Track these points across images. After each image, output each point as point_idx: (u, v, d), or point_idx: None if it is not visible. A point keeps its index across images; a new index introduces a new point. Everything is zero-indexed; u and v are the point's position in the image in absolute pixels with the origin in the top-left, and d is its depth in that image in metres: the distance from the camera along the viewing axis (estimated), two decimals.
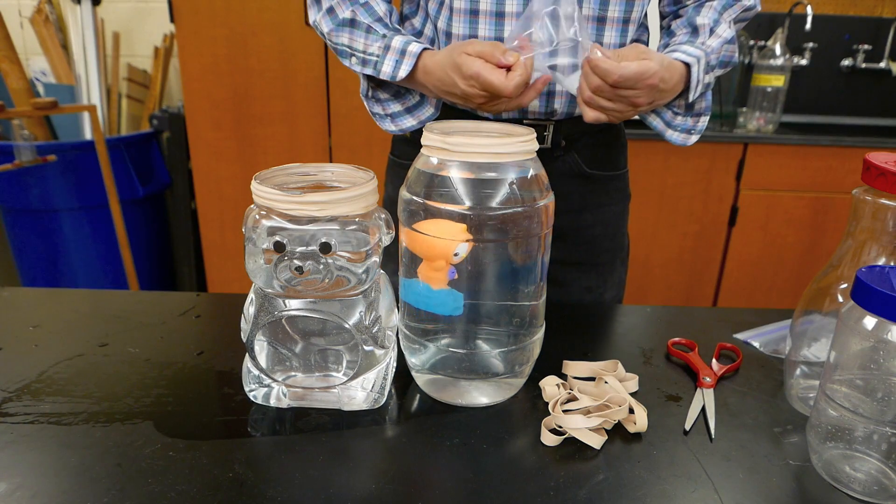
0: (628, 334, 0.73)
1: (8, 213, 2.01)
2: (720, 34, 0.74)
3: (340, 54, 0.75)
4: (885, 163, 0.51)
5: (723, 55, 0.75)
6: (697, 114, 0.79)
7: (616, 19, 0.73)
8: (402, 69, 0.70)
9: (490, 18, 0.72)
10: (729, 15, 0.76)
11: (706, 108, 0.79)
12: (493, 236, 0.51)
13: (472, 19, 0.73)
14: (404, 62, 0.69)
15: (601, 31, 0.73)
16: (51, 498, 0.44)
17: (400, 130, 0.80)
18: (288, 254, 0.48)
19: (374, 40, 0.71)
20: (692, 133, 0.80)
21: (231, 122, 1.83)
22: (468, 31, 0.74)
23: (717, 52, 0.74)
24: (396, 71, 0.70)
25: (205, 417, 0.54)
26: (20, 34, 2.18)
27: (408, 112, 0.79)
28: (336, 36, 0.74)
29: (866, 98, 2.27)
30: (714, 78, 0.76)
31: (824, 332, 0.56)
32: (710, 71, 0.74)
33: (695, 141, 0.80)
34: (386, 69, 0.70)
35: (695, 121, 0.80)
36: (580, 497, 0.46)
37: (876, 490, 0.46)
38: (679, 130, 0.80)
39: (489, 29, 0.73)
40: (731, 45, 0.76)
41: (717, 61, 0.74)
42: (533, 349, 0.58)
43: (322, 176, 0.55)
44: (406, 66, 0.69)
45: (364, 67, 0.73)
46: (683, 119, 0.79)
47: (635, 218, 1.91)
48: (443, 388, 0.58)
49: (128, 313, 0.74)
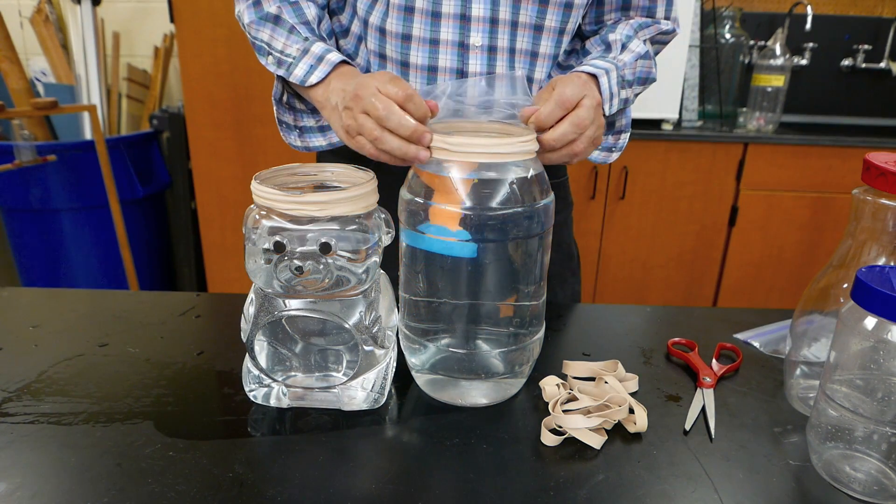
0: (628, 334, 0.73)
1: (8, 213, 2.01)
2: (633, 49, 0.73)
3: (258, 50, 0.71)
4: (885, 163, 0.51)
5: (639, 71, 0.73)
6: (618, 131, 0.79)
7: (553, 29, 0.72)
8: (315, 75, 0.65)
9: (426, 17, 0.69)
10: (644, 34, 0.75)
11: (626, 126, 0.79)
12: (494, 236, 0.51)
13: (406, 17, 0.69)
14: (319, 68, 0.65)
15: (537, 40, 0.72)
16: (51, 498, 0.44)
17: (305, 148, 0.76)
18: (288, 254, 0.48)
19: (294, 42, 0.68)
20: (612, 151, 0.80)
21: (231, 122, 1.83)
22: (401, 30, 0.70)
23: (630, 66, 0.72)
24: (308, 76, 0.66)
25: (205, 417, 0.54)
26: (20, 34, 2.18)
27: (321, 131, 0.76)
28: (256, 30, 0.70)
29: (866, 98, 2.27)
30: (633, 95, 0.74)
31: (824, 332, 0.56)
32: (627, 87, 0.72)
33: (615, 158, 0.80)
34: (298, 72, 0.66)
35: (615, 139, 0.79)
36: (580, 497, 0.46)
37: (876, 490, 0.46)
38: (601, 148, 0.79)
39: (424, 29, 0.69)
40: (646, 61, 0.74)
41: (632, 76, 0.72)
42: (533, 349, 0.58)
43: (322, 176, 0.55)
44: (320, 72, 0.65)
45: (279, 68, 0.69)
46: (605, 137, 0.77)
47: (635, 218, 1.93)
48: (443, 388, 0.58)
49: (128, 313, 0.74)
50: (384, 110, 0.53)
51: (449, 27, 0.69)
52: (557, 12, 0.71)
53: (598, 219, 1.91)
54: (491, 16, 0.69)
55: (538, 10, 0.70)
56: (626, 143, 0.80)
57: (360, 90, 0.56)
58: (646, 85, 0.76)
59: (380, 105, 0.54)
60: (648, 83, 0.76)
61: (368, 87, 0.55)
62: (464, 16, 0.68)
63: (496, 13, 0.69)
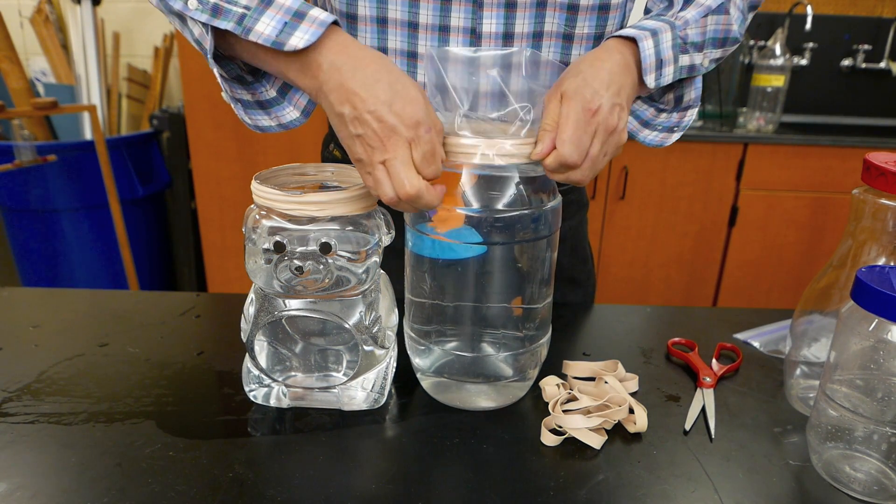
0: (628, 334, 0.73)
1: (8, 213, 2.01)
2: (701, 2, 0.59)
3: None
4: (885, 163, 0.51)
5: (710, 30, 0.59)
6: (685, 107, 0.64)
7: (590, 6, 0.60)
8: (300, 37, 0.46)
9: (433, 33, 0.60)
10: None
11: (695, 100, 0.63)
12: (499, 238, 0.50)
13: (379, 2, 0.59)
14: (303, 27, 0.46)
15: (572, 21, 0.60)
16: (51, 498, 0.44)
17: (256, 127, 0.58)
18: (288, 254, 0.48)
19: None
20: (674, 131, 0.64)
21: (231, 122, 1.83)
22: (375, 13, 0.59)
23: (696, 23, 0.58)
24: (286, 37, 0.46)
25: (205, 417, 0.54)
26: (20, 34, 2.18)
27: (261, 107, 0.58)
28: None
29: (866, 98, 2.27)
30: (708, 61, 0.60)
31: (824, 332, 0.56)
32: (694, 49, 0.59)
33: (674, 140, 0.64)
34: (264, 29, 0.47)
35: (680, 116, 0.64)
36: (580, 497, 0.46)
37: (876, 490, 0.46)
38: (659, 130, 0.64)
39: (402, 12, 0.59)
40: (720, 16, 0.59)
41: (701, 37, 0.59)
42: (540, 353, 0.58)
43: (322, 176, 0.55)
44: (310, 34, 0.46)
45: (216, 17, 0.48)
46: (668, 116, 0.64)
47: (635, 218, 1.92)
48: (448, 391, 0.57)
49: (128, 313, 0.74)
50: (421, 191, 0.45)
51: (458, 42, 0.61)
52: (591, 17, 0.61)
53: (598, 219, 1.91)
54: (505, 31, 0.61)
55: (566, 17, 0.61)
56: (690, 122, 0.64)
57: (391, 136, 0.44)
58: (726, 48, 0.61)
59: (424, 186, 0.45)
60: (729, 45, 0.61)
61: (425, 138, 0.45)
62: (473, 30, 0.60)
63: (511, 27, 0.60)
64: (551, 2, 0.59)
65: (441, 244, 0.51)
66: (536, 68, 0.49)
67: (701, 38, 0.59)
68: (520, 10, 0.59)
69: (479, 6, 0.59)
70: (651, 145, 0.65)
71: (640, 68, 0.56)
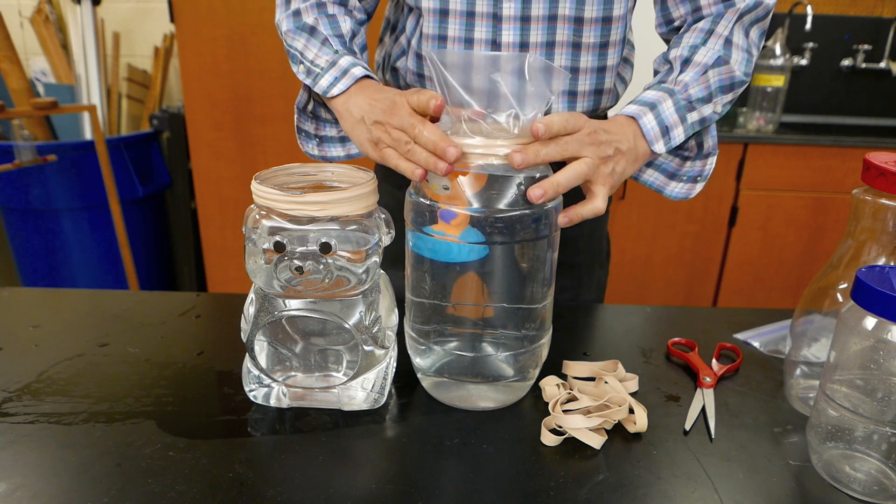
0: (628, 334, 0.73)
1: (8, 213, 2.01)
2: (698, 61, 0.65)
3: (291, 58, 0.73)
4: (885, 163, 0.51)
5: (713, 82, 0.65)
6: (706, 155, 0.69)
7: (594, 19, 0.67)
8: (337, 87, 0.66)
9: (459, 45, 0.70)
10: (723, 28, 0.66)
11: (713, 147, 0.69)
12: (502, 238, 0.50)
13: (441, 19, 0.69)
14: (342, 80, 0.66)
15: (579, 31, 0.68)
16: (51, 498, 0.44)
17: (322, 157, 0.76)
18: (288, 254, 0.48)
19: (325, 53, 0.69)
20: (698, 181, 0.70)
21: (231, 122, 1.83)
22: (437, 31, 0.70)
23: (696, 83, 0.64)
24: (331, 87, 0.67)
25: (205, 417, 0.54)
26: (20, 34, 2.18)
27: (341, 141, 0.77)
28: (292, 38, 0.72)
29: (866, 98, 2.27)
30: (720, 107, 0.66)
31: (824, 332, 0.56)
32: (699, 105, 0.64)
33: (699, 190, 0.70)
34: (323, 83, 0.67)
35: (703, 164, 0.70)
36: (580, 497, 0.46)
37: (876, 490, 0.46)
38: (684, 181, 0.70)
39: (432, 27, 0.70)
40: (720, 68, 0.65)
41: (705, 91, 0.65)
42: (541, 352, 0.58)
43: (322, 176, 0.55)
44: (342, 84, 0.66)
45: (307, 77, 0.70)
46: (692, 164, 0.70)
47: (635, 218, 1.92)
48: (449, 391, 0.57)
49: (128, 313, 0.74)
50: (416, 127, 0.54)
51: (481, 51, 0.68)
52: (598, 1, 0.67)
53: None
54: (521, 41, 0.68)
55: (574, 28, 0.68)
56: (712, 169, 0.70)
57: (393, 108, 0.57)
58: (735, 91, 0.67)
59: (414, 122, 0.55)
60: (738, 88, 0.67)
61: (402, 107, 0.56)
62: (494, 41, 0.69)
63: (526, 38, 0.68)
64: (560, 15, 0.67)
65: (442, 244, 0.51)
66: (538, 72, 0.51)
67: (706, 92, 0.65)
68: (534, 24, 0.67)
69: (498, 20, 0.68)
70: (677, 198, 0.71)
71: (647, 138, 0.63)
